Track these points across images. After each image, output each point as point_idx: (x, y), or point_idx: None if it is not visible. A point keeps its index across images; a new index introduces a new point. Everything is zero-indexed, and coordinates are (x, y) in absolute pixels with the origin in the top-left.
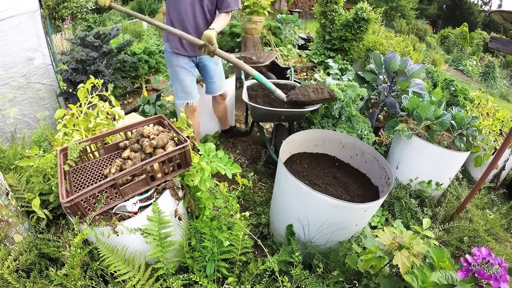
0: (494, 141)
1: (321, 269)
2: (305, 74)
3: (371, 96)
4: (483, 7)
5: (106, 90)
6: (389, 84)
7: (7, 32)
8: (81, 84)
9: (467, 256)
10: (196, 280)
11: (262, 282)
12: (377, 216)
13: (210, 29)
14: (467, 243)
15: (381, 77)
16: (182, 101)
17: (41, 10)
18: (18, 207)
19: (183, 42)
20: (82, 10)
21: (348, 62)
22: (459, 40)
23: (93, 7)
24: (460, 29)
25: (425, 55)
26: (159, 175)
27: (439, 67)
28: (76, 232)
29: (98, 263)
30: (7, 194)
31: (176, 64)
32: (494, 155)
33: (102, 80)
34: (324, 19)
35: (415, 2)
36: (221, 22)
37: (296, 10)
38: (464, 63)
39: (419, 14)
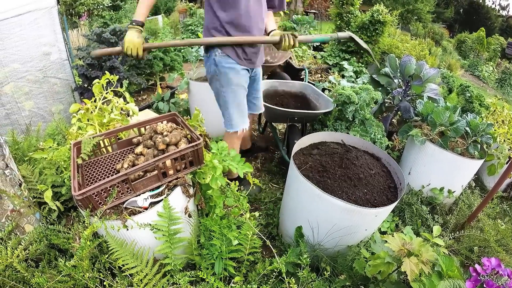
0: (508, 150)
1: (328, 273)
2: (319, 75)
3: (386, 100)
4: (500, 12)
5: (121, 86)
6: (403, 88)
7: (25, 27)
8: (96, 80)
9: (477, 266)
10: (203, 277)
11: (269, 282)
12: (387, 221)
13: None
14: (477, 253)
15: (396, 81)
16: (237, 129)
17: (58, 6)
18: (30, 198)
19: (240, 52)
20: (98, 7)
21: (363, 65)
22: (476, 45)
23: (110, 4)
24: (477, 34)
25: (441, 59)
26: (171, 172)
27: (455, 72)
28: (86, 224)
29: (106, 256)
30: (20, 185)
31: (237, 82)
32: (508, 164)
33: (117, 76)
34: (339, 21)
35: (431, 5)
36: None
37: (311, 11)
38: (481, 69)
39: (436, 18)
